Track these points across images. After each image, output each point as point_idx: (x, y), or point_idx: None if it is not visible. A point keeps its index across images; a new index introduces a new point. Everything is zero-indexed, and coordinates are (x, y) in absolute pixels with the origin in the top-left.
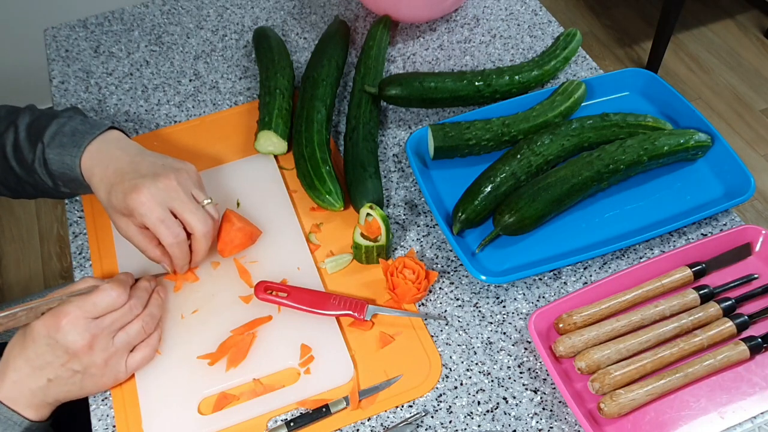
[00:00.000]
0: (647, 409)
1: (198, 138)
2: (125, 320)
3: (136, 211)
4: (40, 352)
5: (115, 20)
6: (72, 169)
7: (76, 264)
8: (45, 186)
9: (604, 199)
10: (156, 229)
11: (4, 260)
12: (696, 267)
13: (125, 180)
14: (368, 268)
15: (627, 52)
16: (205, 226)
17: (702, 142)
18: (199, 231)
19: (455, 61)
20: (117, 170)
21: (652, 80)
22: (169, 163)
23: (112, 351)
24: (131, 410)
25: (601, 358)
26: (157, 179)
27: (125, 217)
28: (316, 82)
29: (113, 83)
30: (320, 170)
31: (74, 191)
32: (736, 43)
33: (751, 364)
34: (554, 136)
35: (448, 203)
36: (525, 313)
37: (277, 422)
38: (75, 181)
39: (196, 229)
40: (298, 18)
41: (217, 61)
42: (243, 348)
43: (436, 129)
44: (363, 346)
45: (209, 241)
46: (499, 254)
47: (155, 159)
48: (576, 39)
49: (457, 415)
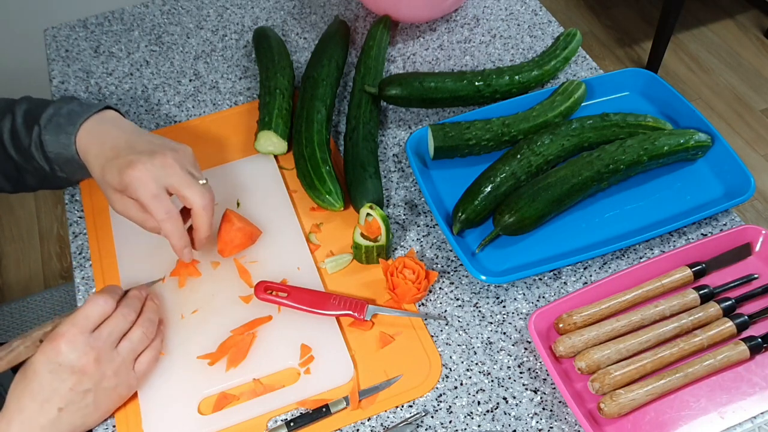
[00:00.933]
0: (647, 409)
1: (198, 138)
2: (122, 329)
3: (130, 186)
4: (44, 382)
5: (115, 20)
6: (67, 147)
7: (76, 264)
8: (42, 171)
9: (604, 199)
10: (149, 204)
11: (4, 260)
12: (696, 267)
13: (120, 156)
14: (368, 268)
15: (627, 52)
16: (204, 199)
17: (702, 142)
18: (198, 204)
19: (455, 61)
20: (113, 147)
21: (652, 80)
22: (165, 143)
23: (119, 361)
24: (131, 410)
25: (601, 358)
26: (153, 156)
27: (119, 193)
28: (316, 82)
29: (113, 83)
30: (320, 170)
31: (71, 176)
32: (736, 43)
33: (751, 364)
34: (554, 136)
35: (448, 203)
36: (525, 313)
37: (277, 422)
38: (71, 161)
39: (194, 203)
40: (298, 18)
41: (217, 61)
42: (243, 348)
43: (436, 129)
44: (363, 346)
45: (210, 214)
46: (499, 254)
47: (152, 138)
48: (576, 39)
49: (457, 415)
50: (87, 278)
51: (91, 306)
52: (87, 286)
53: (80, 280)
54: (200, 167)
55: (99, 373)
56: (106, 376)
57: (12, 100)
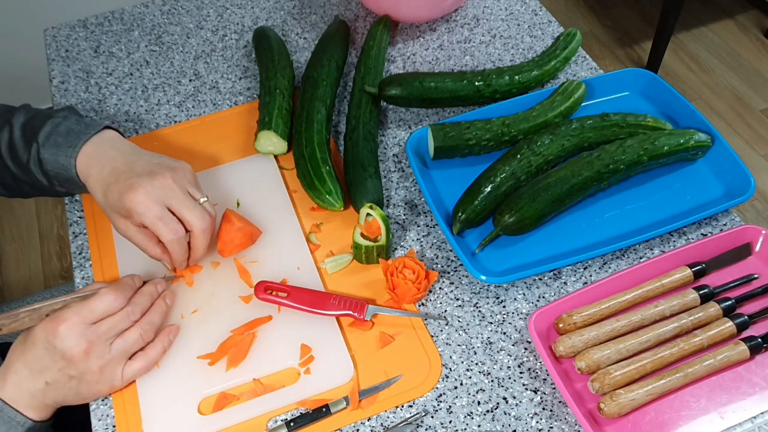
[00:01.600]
0: (647, 409)
1: (198, 138)
2: (122, 326)
3: (133, 210)
4: (38, 355)
5: (115, 20)
6: (67, 169)
7: (76, 264)
8: (41, 185)
9: (604, 199)
10: (155, 227)
11: (4, 260)
12: (696, 267)
13: (120, 180)
14: (368, 268)
15: (627, 52)
16: (203, 222)
17: (702, 142)
18: (197, 228)
19: (455, 61)
20: (113, 170)
21: (652, 80)
22: (164, 162)
23: (108, 358)
24: (131, 410)
25: (601, 358)
26: (153, 178)
27: (123, 218)
28: (316, 82)
29: (113, 83)
30: (320, 170)
31: (70, 190)
32: (736, 43)
33: (751, 364)
34: (554, 136)
35: (448, 203)
36: (525, 313)
37: (277, 422)
38: (70, 181)
39: (194, 226)
40: (298, 18)
41: (217, 61)
42: (243, 348)
43: (436, 129)
44: (363, 346)
45: (208, 237)
46: (499, 254)
47: (150, 158)
48: (576, 39)
49: (457, 415)
50: (87, 278)
51: (100, 300)
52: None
53: (80, 280)
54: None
55: (85, 365)
56: (91, 370)
57: (9, 109)
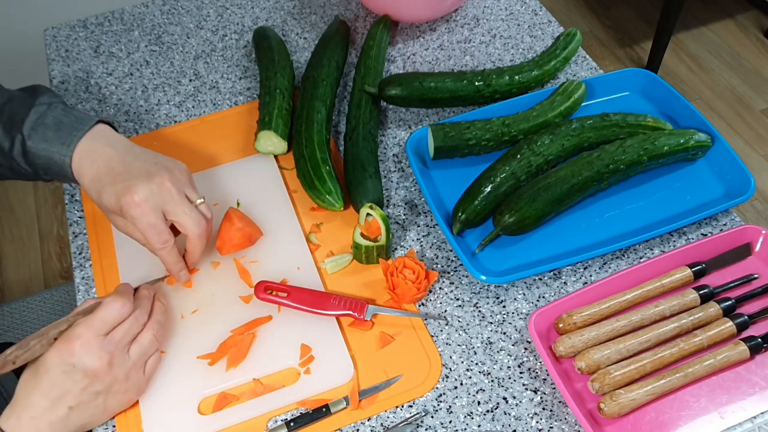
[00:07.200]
0: (647, 409)
1: (198, 138)
2: (134, 331)
3: (128, 213)
4: (56, 381)
5: (115, 20)
6: (61, 167)
7: (76, 264)
8: (25, 172)
9: (604, 199)
10: (145, 233)
11: (4, 260)
12: (696, 267)
13: (117, 181)
14: (368, 268)
15: (627, 52)
16: (199, 227)
17: (702, 142)
18: (193, 233)
19: (455, 61)
20: (108, 169)
21: (652, 80)
22: (161, 162)
23: (130, 364)
24: (131, 410)
25: (601, 358)
26: (150, 180)
27: (120, 216)
28: (316, 82)
29: (113, 83)
30: (320, 170)
31: (58, 181)
32: (736, 43)
33: (751, 364)
34: (554, 136)
35: (448, 203)
36: (525, 313)
37: (277, 422)
38: (61, 175)
39: (190, 231)
40: (298, 18)
41: (217, 61)
42: (243, 348)
43: (436, 129)
44: (363, 346)
45: (203, 242)
46: (499, 254)
47: (147, 157)
48: (576, 39)
49: (457, 415)
50: (87, 278)
51: (109, 309)
52: (87, 286)
53: (80, 280)
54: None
55: (111, 377)
56: (118, 380)
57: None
